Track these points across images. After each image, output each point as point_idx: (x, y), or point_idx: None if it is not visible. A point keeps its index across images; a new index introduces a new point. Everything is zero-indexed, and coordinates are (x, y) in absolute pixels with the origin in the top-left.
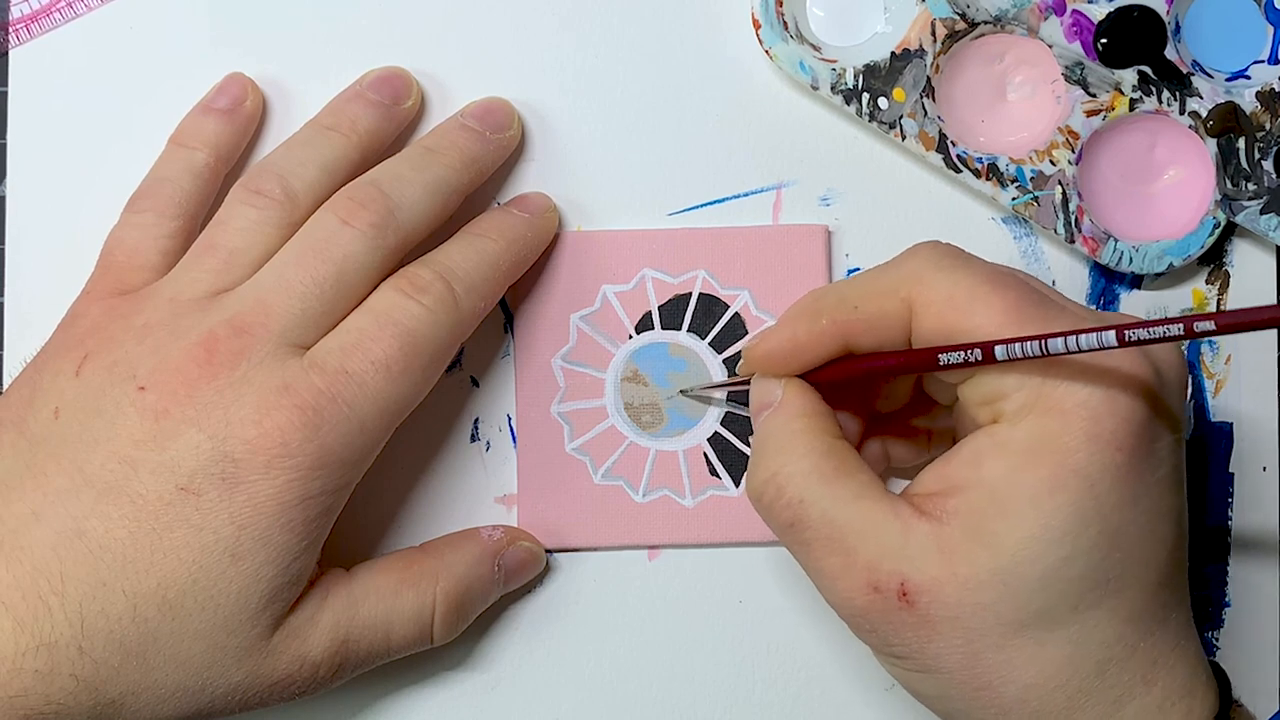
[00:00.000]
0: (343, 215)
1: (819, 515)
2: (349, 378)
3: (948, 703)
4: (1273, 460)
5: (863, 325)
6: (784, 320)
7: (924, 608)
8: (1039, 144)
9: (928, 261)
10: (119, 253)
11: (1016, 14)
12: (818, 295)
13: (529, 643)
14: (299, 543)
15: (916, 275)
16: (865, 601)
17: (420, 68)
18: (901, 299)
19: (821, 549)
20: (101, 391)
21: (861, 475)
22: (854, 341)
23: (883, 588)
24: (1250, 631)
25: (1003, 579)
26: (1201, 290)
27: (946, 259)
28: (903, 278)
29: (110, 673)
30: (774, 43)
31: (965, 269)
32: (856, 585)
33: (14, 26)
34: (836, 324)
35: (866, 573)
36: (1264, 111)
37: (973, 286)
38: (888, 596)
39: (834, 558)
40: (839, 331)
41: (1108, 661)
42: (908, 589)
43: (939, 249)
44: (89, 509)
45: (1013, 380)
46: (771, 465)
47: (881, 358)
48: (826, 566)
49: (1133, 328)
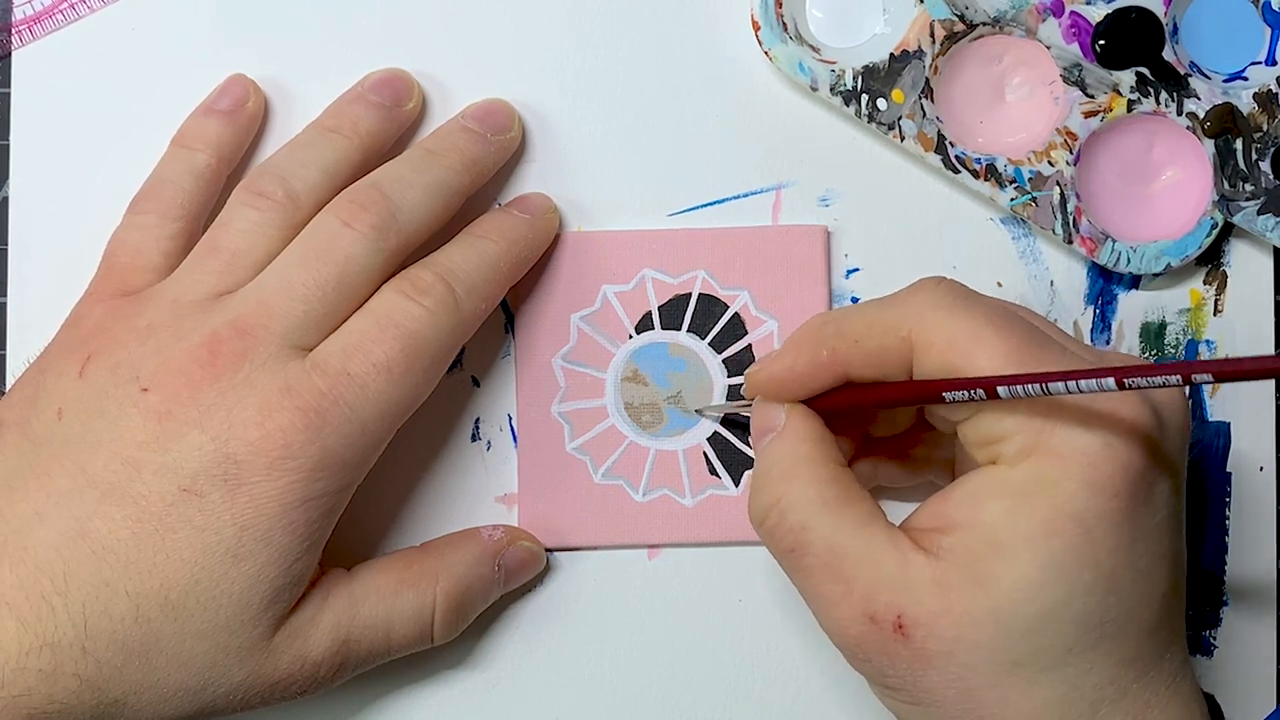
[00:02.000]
0: (344, 217)
1: (821, 542)
2: (351, 379)
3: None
4: (1270, 460)
5: (863, 359)
6: (786, 348)
7: (919, 641)
8: (1037, 145)
9: (930, 300)
10: (122, 254)
11: (1015, 15)
12: (819, 324)
13: (529, 642)
14: (301, 543)
15: (919, 314)
16: (860, 631)
17: (421, 69)
18: (902, 337)
19: (821, 575)
20: (104, 392)
21: (863, 504)
22: (854, 373)
23: (879, 618)
24: (1247, 631)
25: (997, 618)
26: (1199, 290)
27: (949, 298)
28: (904, 315)
29: (113, 672)
30: (773, 44)
31: (967, 310)
32: (853, 614)
33: (17, 28)
34: (837, 356)
35: (864, 602)
36: (1261, 112)
37: (975, 329)
38: (883, 627)
39: (833, 585)
40: (839, 363)
41: (1100, 702)
42: (904, 621)
43: (942, 287)
44: (92, 509)
45: (1012, 423)
46: (775, 491)
47: (886, 389)
48: (825, 593)
49: (1132, 374)
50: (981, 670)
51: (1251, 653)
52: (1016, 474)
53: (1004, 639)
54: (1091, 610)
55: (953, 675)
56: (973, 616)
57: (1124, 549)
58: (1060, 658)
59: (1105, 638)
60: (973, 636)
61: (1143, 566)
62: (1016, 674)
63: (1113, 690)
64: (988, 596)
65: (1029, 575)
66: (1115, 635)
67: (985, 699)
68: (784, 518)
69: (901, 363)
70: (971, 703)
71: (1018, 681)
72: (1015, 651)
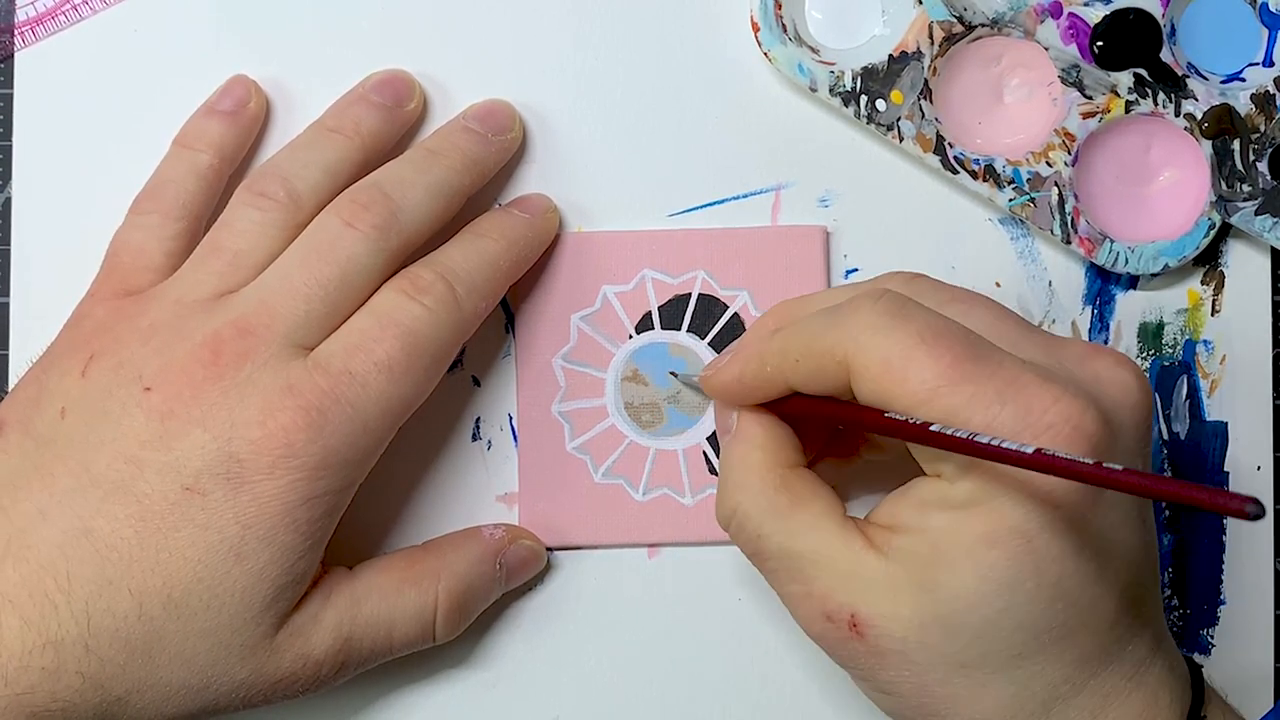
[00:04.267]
0: (346, 217)
1: (776, 548)
2: (352, 378)
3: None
4: (1267, 459)
5: (803, 378)
6: (734, 356)
7: (873, 640)
8: (1035, 146)
9: (864, 323)
10: (124, 254)
11: (1013, 17)
12: (766, 334)
13: (530, 640)
14: (303, 542)
15: (852, 338)
16: (821, 629)
17: (422, 70)
18: (838, 361)
19: (783, 577)
20: (107, 392)
21: (816, 505)
22: (797, 386)
23: (834, 618)
24: (1245, 630)
25: (942, 624)
26: (1197, 290)
27: (884, 319)
28: (839, 339)
29: (116, 670)
30: (773, 45)
31: (901, 329)
32: (814, 613)
33: (19, 29)
34: (779, 371)
35: (821, 602)
36: (1258, 113)
37: (907, 350)
38: (839, 626)
39: (794, 585)
40: (781, 378)
41: (1053, 700)
42: (857, 621)
43: (879, 306)
44: (95, 508)
45: None
46: (730, 501)
47: (832, 408)
48: (789, 593)
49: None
50: (933, 669)
51: (1248, 652)
52: (956, 490)
53: (950, 644)
54: (1036, 618)
55: (907, 672)
56: (920, 620)
57: (1069, 556)
58: (1008, 661)
59: (1054, 641)
60: (921, 639)
61: (1092, 570)
62: (965, 675)
63: (1067, 688)
64: (933, 603)
65: (970, 585)
66: (1065, 638)
67: (939, 694)
68: (742, 527)
69: (840, 383)
70: (927, 697)
71: (968, 681)
72: (963, 655)
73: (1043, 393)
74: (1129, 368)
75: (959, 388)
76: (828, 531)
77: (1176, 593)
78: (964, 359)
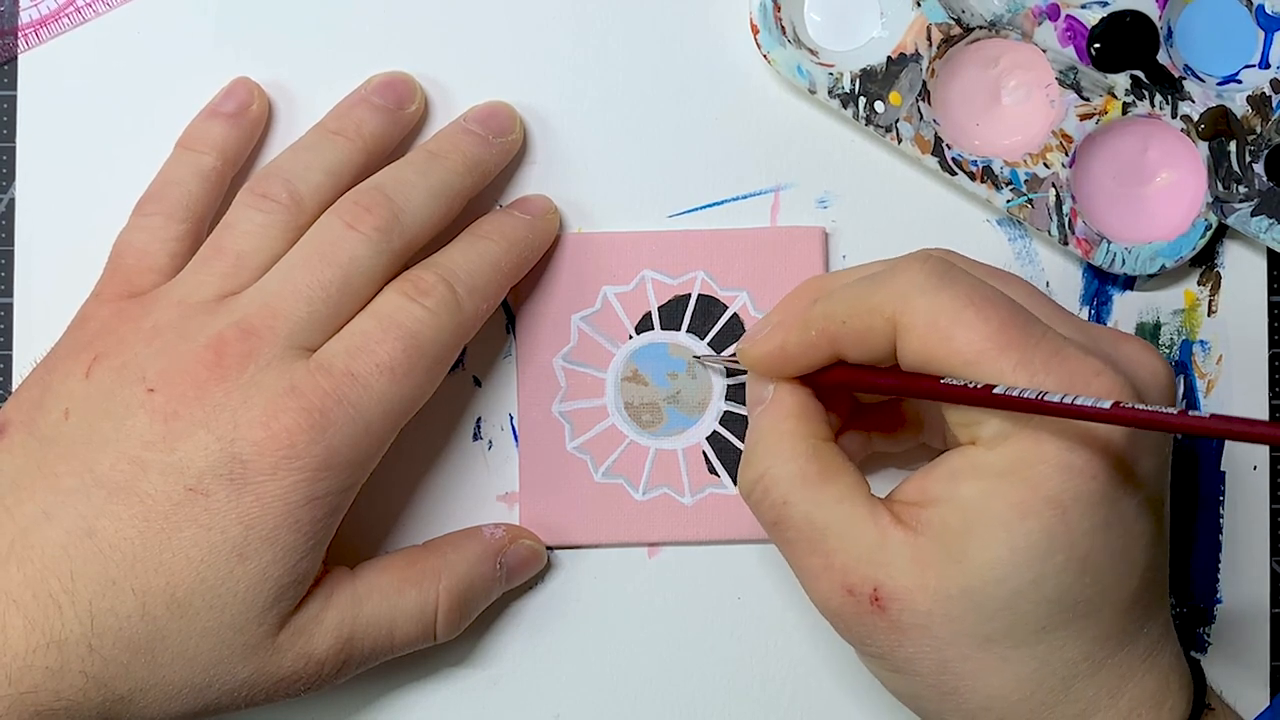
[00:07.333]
0: (348, 219)
1: (801, 517)
2: (354, 380)
3: (920, 702)
4: (1263, 460)
5: (851, 339)
6: (776, 325)
7: (895, 614)
8: (1033, 147)
9: (912, 283)
10: (128, 255)
11: (1011, 19)
12: (806, 302)
13: (530, 639)
14: (305, 542)
15: (901, 295)
16: (840, 603)
17: (424, 72)
18: (886, 318)
19: (803, 549)
20: (111, 393)
21: (845, 479)
22: (843, 351)
23: (856, 591)
24: (1241, 628)
25: (971, 596)
26: (1194, 291)
27: (932, 279)
28: (888, 297)
29: (119, 670)
30: (772, 47)
31: (950, 290)
32: (833, 587)
33: (23, 31)
34: (826, 335)
35: (842, 575)
36: (1255, 115)
37: (956, 310)
38: (861, 600)
39: (814, 558)
40: (827, 342)
41: (1073, 678)
42: (880, 595)
43: (927, 267)
44: (99, 509)
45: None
46: (760, 465)
47: (881, 376)
48: (807, 566)
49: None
50: (955, 644)
51: (1245, 650)
52: (994, 456)
53: (976, 616)
54: (1064, 591)
55: (928, 647)
56: (947, 592)
57: (1100, 530)
58: (1033, 635)
59: (1079, 616)
60: (946, 611)
61: (1119, 547)
62: (989, 649)
63: (1086, 665)
64: (961, 574)
65: (1001, 556)
66: (1089, 614)
67: (959, 671)
68: (767, 492)
69: (887, 343)
70: (947, 673)
71: (990, 656)
72: (988, 628)
73: (1084, 366)
74: (1156, 354)
75: (1006, 353)
76: (855, 504)
77: (1174, 591)
78: (1010, 325)
